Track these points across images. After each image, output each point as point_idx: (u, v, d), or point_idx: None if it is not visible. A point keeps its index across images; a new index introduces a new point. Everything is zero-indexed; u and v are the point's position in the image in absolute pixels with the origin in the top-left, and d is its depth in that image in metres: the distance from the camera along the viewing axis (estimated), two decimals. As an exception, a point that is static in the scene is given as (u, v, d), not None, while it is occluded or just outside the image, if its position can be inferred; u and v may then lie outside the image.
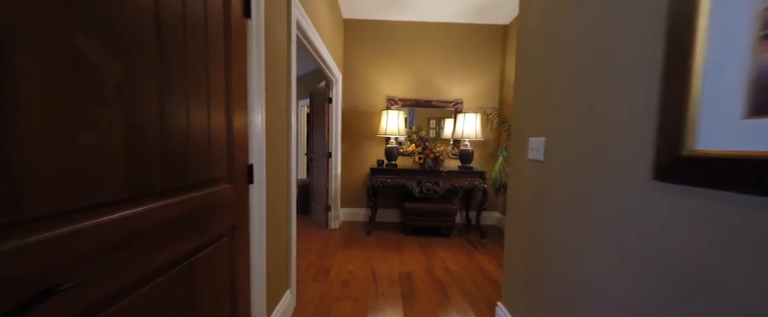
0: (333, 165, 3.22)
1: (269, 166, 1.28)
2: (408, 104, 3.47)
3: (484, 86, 3.48)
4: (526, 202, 1.29)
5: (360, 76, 3.45)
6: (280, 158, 1.47)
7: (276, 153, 1.40)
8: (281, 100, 1.46)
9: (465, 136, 3.07)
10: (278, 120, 1.42)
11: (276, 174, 1.40)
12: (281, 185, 1.49)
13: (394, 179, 3.01)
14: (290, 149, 1.58)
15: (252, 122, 1.07)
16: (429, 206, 2.99)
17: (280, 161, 1.47)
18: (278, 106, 1.41)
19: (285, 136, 1.53)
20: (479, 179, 3.01)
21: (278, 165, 1.43)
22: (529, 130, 1.28)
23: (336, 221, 3.28)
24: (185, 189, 0.76)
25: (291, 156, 1.58)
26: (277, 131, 1.41)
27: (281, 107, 1.47)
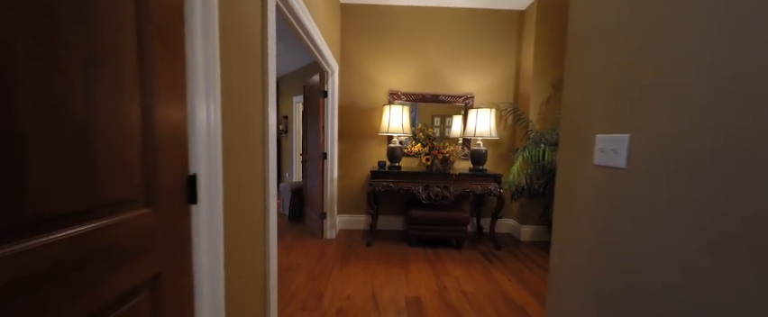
0: (329, 167, 2.86)
1: (231, 175, 0.93)
2: (413, 99, 3.11)
3: (497, 79, 3.12)
4: (594, 226, 0.93)
5: (359, 67, 3.09)
6: (251, 164, 1.11)
7: (243, 158, 1.04)
8: (252, 89, 1.10)
9: (478, 134, 2.71)
10: (246, 115, 1.06)
11: (243, 185, 1.04)
12: (253, 199, 1.14)
13: (397, 183, 2.66)
14: (268, 152, 1.22)
15: (195, 116, 0.71)
16: (438, 214, 2.64)
17: (251, 168, 1.11)
18: (246, 97, 1.06)
19: (258, 136, 1.17)
20: (493, 183, 2.65)
21: (247, 173, 1.07)
22: (594, 123, 0.92)
23: (333, 230, 2.92)
24: (44, 225, 0.41)
25: (269, 160, 1.23)
26: (246, 130, 1.06)
27: (252, 99, 1.11)
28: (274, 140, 1.28)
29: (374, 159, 3.17)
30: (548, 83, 2.88)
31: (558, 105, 2.84)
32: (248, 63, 1.07)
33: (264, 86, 1.19)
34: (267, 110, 1.20)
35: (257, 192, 1.16)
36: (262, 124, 1.20)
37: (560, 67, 2.86)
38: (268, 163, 1.22)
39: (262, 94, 1.19)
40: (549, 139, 2.48)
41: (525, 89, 3.00)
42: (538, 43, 2.84)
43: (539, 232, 2.97)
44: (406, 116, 2.75)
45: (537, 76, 2.87)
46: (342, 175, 3.18)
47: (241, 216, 1.03)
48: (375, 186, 2.64)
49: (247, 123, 1.07)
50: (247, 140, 1.07)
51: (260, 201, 1.20)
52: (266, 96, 1.20)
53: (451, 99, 3.11)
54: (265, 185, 1.22)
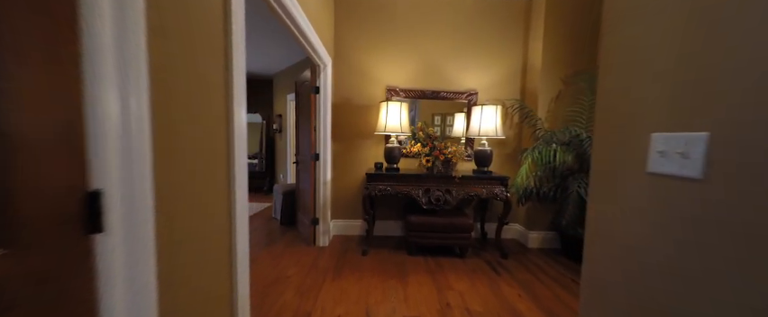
0: (322, 168, 2.65)
1: (172, 189, 0.71)
2: (412, 96, 2.90)
3: (502, 73, 2.91)
4: (650, 259, 0.72)
5: (354, 61, 2.88)
6: (208, 173, 0.90)
7: (195, 166, 0.83)
8: (209, 83, 0.89)
9: (483, 133, 2.50)
10: (201, 113, 0.85)
11: (196, 201, 0.83)
12: (212, 218, 0.93)
13: (396, 187, 2.45)
14: (234, 159, 1.01)
15: (98, 109, 0.50)
16: (439, 220, 2.43)
17: (209, 179, 0.90)
18: (199, 92, 0.84)
19: (220, 139, 0.96)
20: (500, 186, 2.44)
21: (201, 185, 0.86)
22: (647, 117, 0.71)
23: (326, 236, 2.71)
24: None
25: (236, 168, 1.01)
26: (200, 132, 0.84)
27: (210, 94, 0.90)
28: (243, 145, 1.07)
29: (370, 161, 2.96)
30: (558, 78, 2.67)
31: (569, 102, 2.63)
32: (202, 51, 0.85)
33: (228, 79, 0.98)
34: (232, 108, 0.99)
35: (218, 209, 0.95)
36: (226, 126, 0.98)
37: (571, 62, 2.65)
38: (234, 172, 1.00)
39: (225, 89, 0.98)
40: (561, 138, 2.27)
41: (532, 85, 2.79)
42: (547, 36, 2.63)
43: (548, 239, 2.76)
44: (404, 114, 2.54)
45: (546, 70, 2.65)
46: (336, 177, 2.97)
47: (191, 243, 0.81)
48: (371, 190, 2.43)
49: (202, 124, 0.86)
50: (200, 144, 0.85)
51: (224, 219, 0.98)
52: (231, 92, 0.99)
53: (453, 96, 2.90)
54: (230, 201, 1.01)
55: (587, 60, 2.66)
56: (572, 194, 2.11)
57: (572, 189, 2.13)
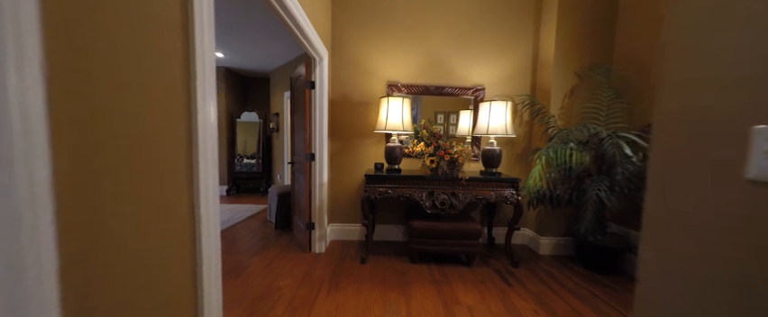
0: (318, 169, 2.47)
1: (94, 213, 0.53)
2: (415, 92, 2.71)
3: (511, 68, 2.72)
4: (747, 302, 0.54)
5: (352, 55, 2.69)
6: (158, 185, 0.72)
7: (138, 177, 0.65)
8: (160, 71, 0.71)
9: (492, 131, 2.31)
10: (148, 107, 0.67)
11: (134, 226, 0.65)
12: (165, 244, 0.74)
13: (397, 189, 2.26)
14: (197, 166, 0.82)
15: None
16: (445, 225, 2.24)
17: (158, 192, 0.72)
18: (141, 83, 0.66)
19: (179, 140, 0.78)
20: (510, 189, 2.26)
21: (146, 201, 0.68)
22: (747, 106, 0.52)
23: (322, 242, 2.53)
24: None
25: (201, 176, 0.83)
26: (145, 131, 0.66)
27: (162, 85, 0.72)
28: (212, 147, 0.89)
29: (370, 161, 2.77)
30: (572, 72, 2.48)
31: (584, 98, 2.44)
32: (148, 32, 0.67)
33: (189, 68, 0.80)
34: (196, 104, 0.80)
35: (176, 234, 0.77)
36: (188, 124, 0.80)
37: (586, 55, 2.46)
38: (198, 181, 0.82)
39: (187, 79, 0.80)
40: (577, 137, 2.07)
41: (544, 80, 2.60)
42: (561, 26, 2.44)
43: (562, 246, 2.57)
44: (406, 110, 2.35)
45: (560, 64, 2.46)
46: (334, 179, 2.79)
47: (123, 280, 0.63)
48: (371, 193, 2.24)
49: (151, 122, 0.67)
50: (146, 144, 0.67)
51: (186, 246, 0.80)
52: (194, 84, 0.80)
53: (458, 91, 2.71)
54: (194, 212, 0.83)
55: (603, 53, 2.46)
56: (591, 199, 1.92)
57: (591, 193, 1.94)
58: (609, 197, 1.87)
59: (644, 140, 1.88)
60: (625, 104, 2.20)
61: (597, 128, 2.02)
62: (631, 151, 1.83)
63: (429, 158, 2.26)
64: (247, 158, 5.31)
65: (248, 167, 5.28)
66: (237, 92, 5.40)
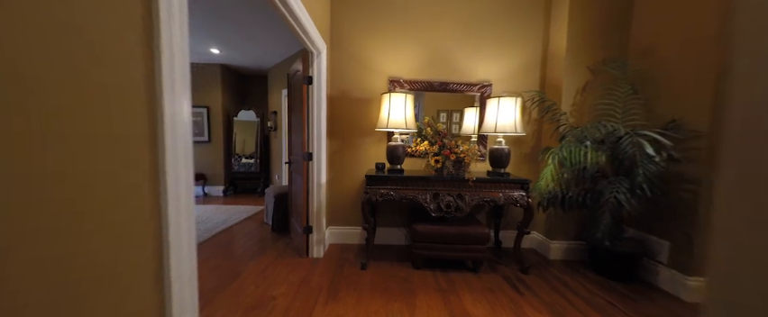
0: (315, 170, 2.33)
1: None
2: (418, 88, 2.57)
3: (519, 63, 2.58)
4: None
5: (352, 49, 2.56)
6: (110, 197, 0.59)
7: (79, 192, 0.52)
8: (112, 57, 0.58)
9: (500, 130, 2.17)
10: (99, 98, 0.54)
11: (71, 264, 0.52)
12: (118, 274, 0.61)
13: (400, 191, 2.13)
14: (165, 173, 0.69)
15: None
16: (451, 229, 2.11)
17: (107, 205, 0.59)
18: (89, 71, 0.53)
19: (139, 141, 0.65)
20: (520, 191, 2.12)
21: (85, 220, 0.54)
22: None
23: (320, 246, 2.39)
24: None
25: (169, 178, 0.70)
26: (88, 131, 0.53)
27: (116, 74, 0.59)
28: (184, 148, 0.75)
29: (371, 161, 2.64)
30: (585, 67, 2.34)
31: (598, 94, 2.30)
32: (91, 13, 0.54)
33: (153, 55, 0.66)
34: (162, 98, 0.67)
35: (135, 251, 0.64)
36: (148, 122, 0.67)
37: (599, 48, 2.32)
38: (165, 189, 0.69)
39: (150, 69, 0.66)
40: (593, 134, 1.94)
41: (554, 75, 2.46)
42: (573, 19, 2.30)
43: (573, 250, 2.44)
44: (409, 107, 2.21)
45: (572, 58, 2.33)
46: (333, 179, 2.65)
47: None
48: (371, 195, 2.11)
49: (98, 119, 0.54)
50: (94, 148, 0.54)
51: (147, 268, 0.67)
52: (160, 76, 0.67)
53: (464, 88, 2.57)
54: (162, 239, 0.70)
55: (618, 47, 2.33)
56: (609, 202, 1.79)
57: (609, 196, 1.81)
58: (629, 200, 1.73)
59: (667, 138, 1.74)
60: (643, 101, 2.07)
61: (614, 125, 1.88)
62: (653, 151, 1.69)
63: (434, 158, 2.13)
64: (245, 158, 5.18)
65: (246, 167, 5.15)
66: (234, 90, 5.27)
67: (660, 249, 2.00)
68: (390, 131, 2.33)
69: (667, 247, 1.96)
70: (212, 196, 4.93)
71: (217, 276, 2.04)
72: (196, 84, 4.81)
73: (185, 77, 0.74)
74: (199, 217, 3.52)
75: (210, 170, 4.97)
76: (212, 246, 2.63)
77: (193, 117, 5.10)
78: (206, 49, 4.11)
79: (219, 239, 2.82)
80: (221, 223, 3.29)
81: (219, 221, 3.40)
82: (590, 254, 2.26)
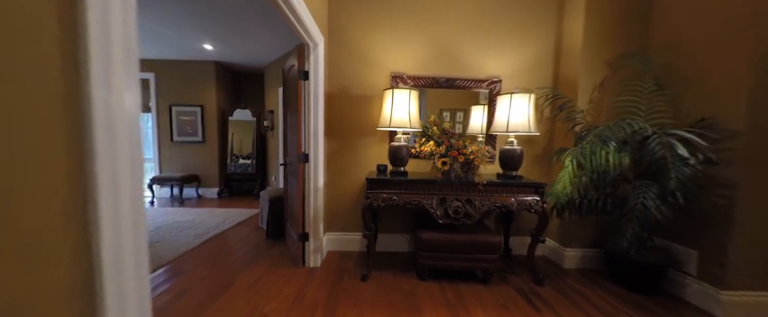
0: (312, 172, 2.16)
1: None
2: (423, 85, 2.40)
3: (530, 58, 2.42)
4: None
5: (351, 43, 2.39)
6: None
7: None
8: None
9: (512, 129, 2.00)
10: None
11: None
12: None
13: (403, 195, 1.95)
14: (95, 173, 0.52)
15: None
16: (459, 237, 1.94)
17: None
18: None
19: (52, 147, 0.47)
20: (534, 196, 1.95)
21: None
22: None
23: (317, 255, 2.22)
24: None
25: (102, 195, 0.52)
26: None
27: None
28: (131, 155, 0.58)
29: (372, 162, 2.47)
30: (602, 62, 2.17)
31: (617, 90, 2.14)
32: None
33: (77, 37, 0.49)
34: (89, 88, 0.50)
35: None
36: (65, 115, 0.49)
37: (619, 41, 2.15)
38: (97, 199, 0.51)
39: (70, 54, 0.49)
40: (618, 134, 1.76)
41: (568, 71, 2.29)
42: (590, 10, 2.13)
43: (589, 259, 2.27)
44: (414, 104, 2.04)
45: (588, 52, 2.16)
46: (331, 182, 2.48)
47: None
48: (373, 200, 1.94)
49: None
50: None
51: None
52: (86, 62, 0.50)
53: (471, 84, 2.40)
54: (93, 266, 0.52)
55: (638, 40, 2.16)
56: (636, 209, 1.62)
57: (635, 201, 1.64)
58: (659, 207, 1.56)
59: (702, 138, 1.57)
60: (670, 97, 1.90)
61: (640, 124, 1.71)
62: (687, 152, 1.52)
63: (440, 160, 1.95)
64: (242, 159, 5.00)
65: (242, 168, 4.97)
66: (229, 88, 5.09)
67: (687, 259, 1.83)
68: (393, 130, 2.16)
69: (695, 257, 1.79)
70: (206, 199, 4.75)
71: (204, 288, 1.87)
72: (189, 82, 4.64)
73: (129, 66, 0.56)
74: (190, 222, 3.34)
75: (204, 171, 4.79)
76: (201, 253, 2.45)
77: (186, 116, 4.94)
78: (199, 46, 3.94)
79: (209, 246, 2.64)
80: (213, 228, 3.11)
81: (211, 225, 3.22)
82: (610, 263, 2.09)
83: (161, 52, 4.28)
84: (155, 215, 3.62)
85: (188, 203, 4.36)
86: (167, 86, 4.65)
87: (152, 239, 2.75)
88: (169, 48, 4.08)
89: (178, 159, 4.78)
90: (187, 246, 2.57)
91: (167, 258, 2.29)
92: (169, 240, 2.70)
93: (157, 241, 2.68)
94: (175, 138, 4.73)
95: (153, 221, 3.36)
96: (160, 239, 2.75)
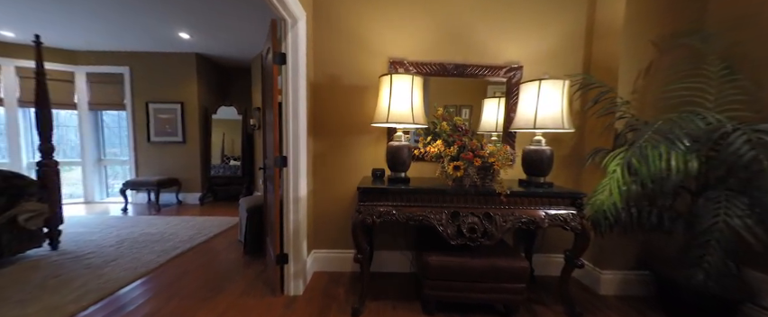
0: (291, 179, 1.75)
1: None
2: (427, 72, 1.99)
3: (556, 40, 2.01)
4: None
5: (340, 21, 1.98)
6: None
7: None
8: None
9: (541, 125, 1.60)
10: None
11: None
12: None
13: (405, 209, 1.54)
14: None
15: None
16: (476, 262, 1.53)
17: None
18: None
19: None
20: (570, 209, 1.54)
21: None
22: None
23: (299, 281, 1.81)
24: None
25: None
26: None
27: None
28: None
29: (367, 165, 2.06)
30: (648, 42, 1.77)
31: (668, 77, 1.73)
32: None
33: None
34: None
35: None
36: None
37: (667, 18, 1.75)
38: None
39: None
40: (690, 129, 1.35)
41: (605, 54, 1.89)
42: (632, -22, 1.73)
43: (632, 283, 1.87)
44: (417, 93, 1.64)
45: (632, 31, 1.75)
46: (318, 190, 2.07)
47: None
48: (366, 215, 1.52)
49: None
50: None
51: None
52: None
53: (486, 72, 1.99)
54: None
55: (694, 14, 1.76)
56: (717, 229, 1.21)
57: (714, 219, 1.23)
58: (751, 227, 1.16)
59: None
60: (743, 84, 1.49)
61: (716, 116, 1.30)
62: (794, 154, 1.12)
63: (452, 164, 1.54)
64: (227, 161, 4.58)
65: (228, 171, 4.55)
66: (212, 83, 4.68)
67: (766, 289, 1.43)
68: (392, 126, 1.75)
69: (780, 287, 1.39)
70: (187, 205, 4.33)
71: (149, 330, 1.46)
72: (167, 76, 4.22)
73: None
74: (160, 234, 2.93)
75: (184, 174, 4.37)
76: (161, 276, 2.03)
77: (165, 114, 4.50)
78: (174, 34, 3.52)
79: (174, 265, 2.23)
80: (184, 242, 2.69)
81: (183, 238, 2.80)
82: (661, 290, 1.68)
83: (136, 43, 3.86)
84: (123, 225, 3.20)
85: (167, 211, 3.95)
86: (143, 81, 4.23)
87: (107, 257, 2.33)
88: (144, 38, 3.66)
89: (155, 162, 4.36)
90: (145, 266, 2.15)
91: (114, 286, 1.87)
92: (127, 259, 2.28)
93: (112, 261, 2.26)
94: (152, 138, 4.31)
95: (117, 233, 2.94)
96: (117, 257, 2.33)
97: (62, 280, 1.94)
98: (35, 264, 2.20)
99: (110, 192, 4.76)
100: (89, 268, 2.12)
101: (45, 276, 2.01)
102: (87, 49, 4.06)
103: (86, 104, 4.29)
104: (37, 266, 2.17)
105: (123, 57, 4.16)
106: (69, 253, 2.41)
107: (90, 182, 4.47)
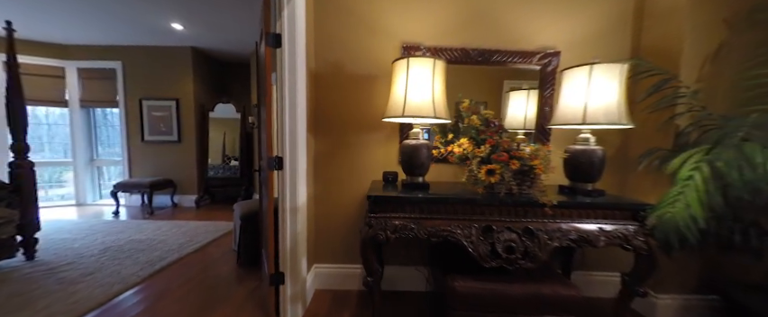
0: (287, 183, 1.47)
1: None
2: (446, 59, 1.70)
3: (598, 22, 1.71)
4: None
5: (345, 2, 1.70)
6: None
7: None
8: None
9: (591, 119, 1.30)
10: None
11: None
12: None
13: (424, 222, 1.25)
14: None
15: None
16: (515, 289, 1.24)
17: None
18: None
19: None
20: (630, 223, 1.24)
21: None
22: None
23: (298, 304, 1.53)
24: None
25: None
26: None
27: None
28: None
29: (377, 167, 1.78)
30: (718, 20, 1.46)
31: (745, 60, 1.42)
32: None
33: None
34: None
35: None
36: None
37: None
38: None
39: None
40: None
41: (661, 35, 1.58)
42: (698, -59, 1.42)
43: (694, 309, 1.56)
44: (439, 81, 1.35)
45: (698, 7, 1.45)
46: (319, 196, 1.80)
47: None
48: (378, 229, 1.24)
49: None
50: None
51: None
52: None
53: (517, 58, 1.70)
54: None
55: (773, -15, 1.44)
56: None
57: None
58: None
59: None
60: None
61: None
62: None
63: (485, 168, 1.25)
64: (226, 160, 4.34)
65: (227, 172, 4.30)
66: (209, 79, 4.43)
67: None
68: (408, 120, 1.46)
69: None
70: (182, 207, 4.09)
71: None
72: (162, 71, 3.98)
73: None
74: (149, 241, 2.67)
75: (180, 176, 4.13)
76: (139, 294, 1.77)
77: (159, 112, 4.24)
78: (166, 25, 3.27)
79: (157, 280, 1.96)
80: (173, 251, 2.43)
81: (172, 246, 2.54)
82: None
83: (128, 36, 3.63)
84: (110, 231, 2.96)
85: (160, 214, 3.70)
86: (136, 77, 4.00)
87: (85, 270, 2.07)
88: (136, 30, 3.42)
89: (150, 162, 4.12)
90: (123, 282, 1.89)
91: (83, 308, 1.61)
92: (106, 273, 2.03)
93: (89, 274, 2.01)
94: (146, 137, 4.07)
95: (102, 240, 2.69)
96: (96, 270, 2.08)
97: (26, 299, 1.69)
98: (4, 277, 1.96)
99: (103, 194, 4.54)
100: (61, 284, 1.87)
101: (9, 293, 1.76)
102: (78, 42, 3.84)
103: (77, 101, 4.06)
104: (5, 279, 1.93)
105: (115, 51, 3.93)
106: (45, 264, 2.17)
107: (82, 183, 4.26)
